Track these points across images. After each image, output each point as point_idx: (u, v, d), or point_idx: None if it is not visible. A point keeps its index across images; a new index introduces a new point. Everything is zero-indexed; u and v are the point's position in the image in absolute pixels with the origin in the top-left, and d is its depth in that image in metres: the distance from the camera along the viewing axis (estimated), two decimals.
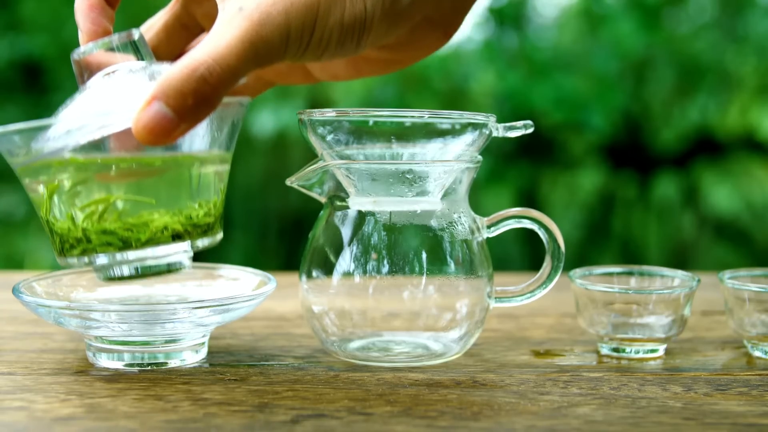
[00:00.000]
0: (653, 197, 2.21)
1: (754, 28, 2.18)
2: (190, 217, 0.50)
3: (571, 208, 2.25)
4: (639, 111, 2.20)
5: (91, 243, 0.49)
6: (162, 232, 0.49)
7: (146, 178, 0.49)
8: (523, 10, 2.33)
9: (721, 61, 2.17)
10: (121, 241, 0.49)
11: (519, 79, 2.17)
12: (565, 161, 2.23)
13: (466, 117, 0.54)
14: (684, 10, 2.28)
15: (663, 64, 2.17)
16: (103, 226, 0.48)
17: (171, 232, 0.49)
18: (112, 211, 0.48)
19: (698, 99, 2.17)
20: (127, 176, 0.49)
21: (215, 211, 0.52)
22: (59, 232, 0.50)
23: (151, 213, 0.49)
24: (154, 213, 0.49)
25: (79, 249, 0.49)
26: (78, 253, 0.49)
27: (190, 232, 0.50)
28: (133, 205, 0.49)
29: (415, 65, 0.59)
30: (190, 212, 0.50)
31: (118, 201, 0.48)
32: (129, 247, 0.49)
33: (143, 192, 0.49)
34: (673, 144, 2.19)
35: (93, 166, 0.48)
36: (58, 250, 0.51)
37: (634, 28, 2.15)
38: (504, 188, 2.23)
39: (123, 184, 0.49)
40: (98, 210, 0.48)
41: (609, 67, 2.15)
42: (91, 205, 0.48)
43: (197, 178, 0.50)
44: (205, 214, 0.51)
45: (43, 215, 0.50)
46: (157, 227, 0.49)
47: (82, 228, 0.49)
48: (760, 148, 2.17)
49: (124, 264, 0.50)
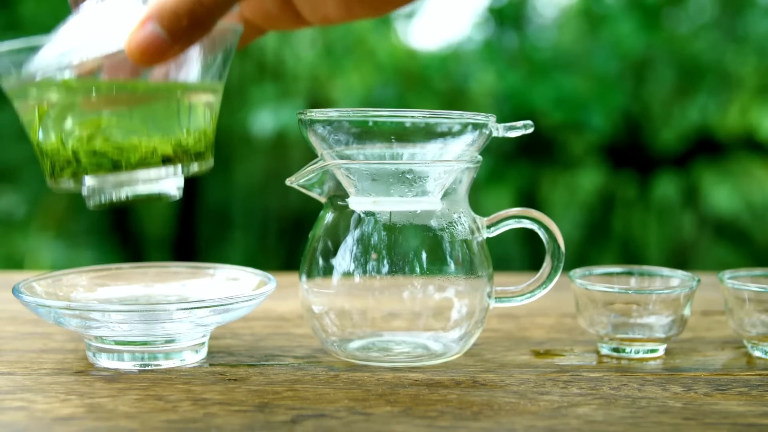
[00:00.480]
0: (653, 197, 2.21)
1: (754, 28, 2.18)
2: (180, 143, 0.50)
3: (571, 208, 2.25)
4: (639, 111, 2.20)
5: (81, 164, 0.48)
6: (152, 155, 0.49)
7: (137, 105, 0.49)
8: (523, 10, 2.33)
9: (721, 61, 2.17)
10: (111, 162, 0.48)
11: (519, 79, 2.17)
12: (565, 161, 2.23)
13: (466, 117, 0.54)
14: (684, 10, 2.28)
15: (663, 64, 2.17)
16: (93, 147, 0.48)
17: (161, 156, 0.49)
18: (101, 134, 0.48)
19: (698, 99, 2.17)
20: (117, 102, 0.48)
21: (206, 140, 0.51)
22: (49, 154, 0.49)
23: (140, 137, 0.49)
24: (143, 138, 0.49)
25: (69, 171, 0.49)
26: (68, 175, 0.49)
27: (181, 157, 0.50)
28: (123, 130, 0.48)
29: (415, 65, 0.59)
30: (179, 138, 0.50)
31: (107, 125, 0.48)
32: (119, 168, 0.48)
33: (133, 118, 0.49)
34: (673, 144, 2.19)
35: (84, 89, 0.47)
36: (49, 173, 0.50)
37: (634, 28, 2.15)
38: (504, 188, 2.23)
39: (113, 110, 0.48)
40: (87, 133, 0.48)
41: (609, 67, 2.15)
42: (81, 127, 0.48)
43: (187, 107, 0.50)
44: (196, 141, 0.51)
45: (33, 137, 0.50)
46: (147, 149, 0.49)
47: (72, 149, 0.48)
48: (760, 148, 2.17)
49: (114, 187, 0.49)
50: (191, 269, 0.65)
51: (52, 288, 0.60)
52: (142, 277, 0.65)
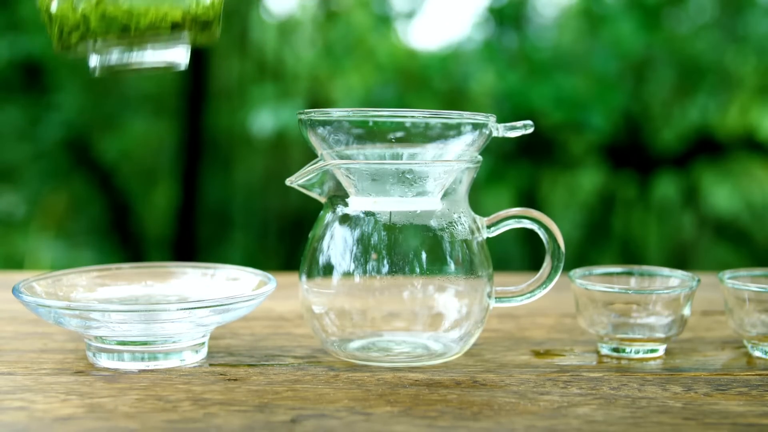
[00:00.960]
0: (653, 197, 2.21)
1: (754, 28, 2.18)
2: (189, 10, 0.50)
3: (571, 208, 2.25)
4: (639, 111, 2.20)
5: (90, 28, 0.49)
6: (162, 21, 0.49)
7: None
8: (523, 10, 2.33)
9: (721, 61, 2.17)
10: (120, 26, 0.49)
11: (519, 79, 2.17)
12: (565, 161, 2.23)
13: (466, 117, 0.54)
14: (684, 10, 2.28)
15: (663, 64, 2.17)
16: (103, 10, 0.48)
17: (170, 22, 0.49)
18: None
19: (698, 99, 2.17)
20: None
21: (214, 11, 0.52)
22: (59, 19, 0.49)
23: (150, 2, 0.49)
24: (153, 3, 0.49)
25: (77, 34, 0.49)
26: (76, 38, 0.49)
27: (189, 25, 0.50)
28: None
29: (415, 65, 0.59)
30: (189, 5, 0.50)
31: None
32: (128, 32, 0.49)
33: None
34: (673, 144, 2.19)
35: None
36: (57, 38, 0.50)
37: (634, 28, 2.15)
38: (504, 188, 2.23)
39: None
40: None
41: (609, 67, 2.15)
42: None
43: None
44: (205, 9, 0.51)
45: (42, 2, 0.50)
46: (157, 14, 0.49)
47: (82, 12, 0.48)
48: (760, 148, 2.17)
49: (123, 52, 0.50)
50: (191, 269, 0.65)
51: (52, 288, 0.60)
52: (142, 277, 0.65)
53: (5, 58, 2.04)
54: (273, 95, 2.18)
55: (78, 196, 2.18)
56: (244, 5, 2.30)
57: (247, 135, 2.17)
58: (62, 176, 2.16)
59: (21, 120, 2.08)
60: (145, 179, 2.26)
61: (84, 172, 2.18)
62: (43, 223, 2.09)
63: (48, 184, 2.13)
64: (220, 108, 2.25)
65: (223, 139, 2.27)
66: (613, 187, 2.23)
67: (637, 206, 2.22)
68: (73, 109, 2.09)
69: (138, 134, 2.20)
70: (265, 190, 2.26)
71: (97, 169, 2.18)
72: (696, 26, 2.27)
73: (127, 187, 2.22)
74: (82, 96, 2.12)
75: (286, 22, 2.32)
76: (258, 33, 2.31)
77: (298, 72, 2.27)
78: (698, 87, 2.18)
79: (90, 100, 2.14)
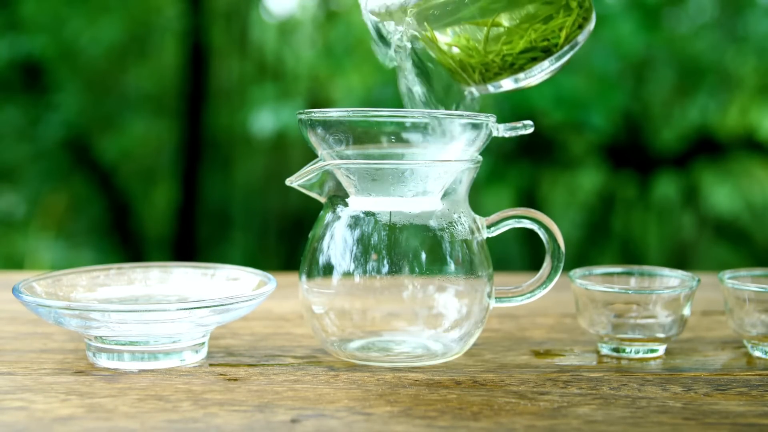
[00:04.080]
0: (653, 197, 2.21)
1: (754, 28, 2.18)
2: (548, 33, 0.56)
3: (571, 208, 2.25)
4: (639, 111, 2.20)
5: (516, 63, 0.55)
6: (572, 26, 0.56)
7: None
8: None
9: (721, 61, 2.17)
10: (541, 51, 0.55)
11: None
12: (565, 161, 2.23)
13: (466, 117, 0.54)
14: (684, 10, 2.28)
15: (663, 64, 2.17)
16: (528, 40, 0.55)
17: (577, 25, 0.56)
18: (524, 32, 0.55)
19: (698, 99, 2.17)
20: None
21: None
22: (467, 63, 0.55)
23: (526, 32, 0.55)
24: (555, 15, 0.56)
25: (508, 71, 0.56)
26: (508, 74, 0.56)
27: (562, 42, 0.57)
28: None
29: None
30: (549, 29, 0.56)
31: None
32: (549, 53, 0.56)
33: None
34: (673, 144, 2.19)
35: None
36: (479, 80, 0.56)
37: (634, 28, 2.15)
38: (504, 188, 2.23)
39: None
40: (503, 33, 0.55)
41: (609, 67, 2.15)
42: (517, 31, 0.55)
43: None
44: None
45: (449, 55, 0.55)
46: (569, 22, 0.55)
47: (490, 56, 0.55)
48: (760, 148, 2.17)
49: (546, 68, 0.57)
50: (191, 269, 0.65)
51: (52, 288, 0.60)
52: (142, 277, 0.65)
53: (5, 58, 2.04)
54: (273, 95, 2.18)
55: (78, 196, 2.18)
56: (244, 5, 2.30)
57: (247, 135, 2.17)
58: (62, 176, 2.16)
59: (21, 120, 2.08)
60: (145, 179, 2.26)
61: (84, 172, 2.19)
62: (43, 223, 2.09)
63: (48, 184, 2.13)
64: (220, 108, 2.25)
65: (223, 139, 2.27)
66: (613, 187, 2.23)
67: (637, 206, 2.22)
68: (73, 109, 2.09)
69: (138, 134, 2.20)
70: (265, 190, 2.26)
71: (97, 169, 2.18)
72: (696, 26, 2.27)
73: (127, 187, 2.22)
74: (82, 96, 2.12)
75: (286, 22, 2.32)
76: (258, 33, 2.31)
77: (298, 72, 2.27)
78: (698, 87, 2.17)
79: (90, 100, 2.14)
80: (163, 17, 2.21)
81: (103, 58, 2.12)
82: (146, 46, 2.19)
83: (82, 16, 2.12)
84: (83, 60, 2.12)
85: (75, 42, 2.09)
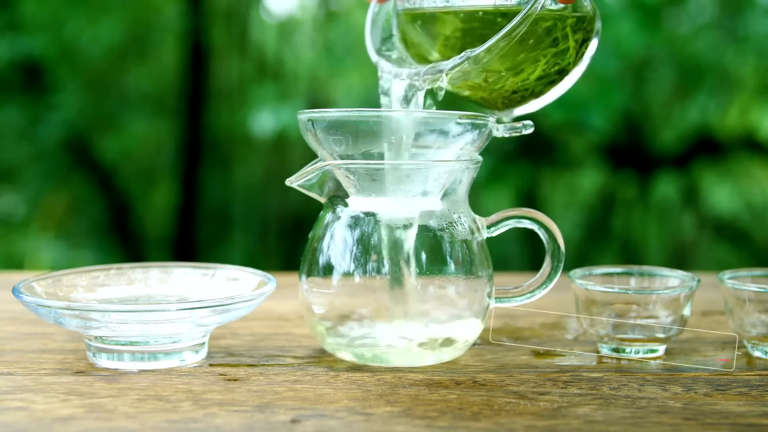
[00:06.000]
0: (653, 197, 2.21)
1: (754, 28, 2.18)
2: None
3: (571, 208, 2.25)
4: (639, 111, 2.20)
5: (535, 89, 0.59)
6: (577, 46, 0.60)
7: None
8: None
9: (721, 61, 2.17)
10: (556, 74, 0.59)
11: None
12: (565, 161, 2.23)
13: (466, 117, 0.54)
14: (684, 10, 2.28)
15: (663, 64, 2.17)
16: (541, 71, 0.58)
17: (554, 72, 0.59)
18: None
19: (698, 99, 2.17)
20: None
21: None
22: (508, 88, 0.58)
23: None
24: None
25: (529, 98, 0.59)
26: (530, 99, 0.60)
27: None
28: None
29: None
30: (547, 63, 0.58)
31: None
32: (565, 73, 0.60)
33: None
34: (673, 144, 2.19)
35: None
36: (503, 107, 0.60)
37: (634, 28, 2.14)
38: (504, 188, 2.23)
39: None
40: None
41: (609, 67, 2.15)
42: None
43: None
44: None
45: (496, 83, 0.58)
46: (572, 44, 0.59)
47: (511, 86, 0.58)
48: (760, 148, 2.17)
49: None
50: (191, 269, 0.65)
51: (52, 288, 0.60)
52: (142, 277, 0.65)
53: (5, 58, 2.04)
54: (273, 95, 2.18)
55: (78, 196, 2.18)
56: (244, 5, 2.30)
57: (247, 135, 2.17)
58: (62, 176, 2.16)
59: (21, 120, 2.08)
60: (145, 179, 2.26)
61: (84, 172, 2.19)
62: (43, 223, 2.09)
63: (48, 184, 2.13)
64: (220, 108, 2.25)
65: (223, 139, 2.27)
66: (613, 187, 2.23)
67: (637, 206, 2.22)
68: (73, 109, 2.09)
69: (138, 134, 2.20)
70: (265, 190, 2.26)
71: (97, 169, 2.18)
72: (696, 26, 2.27)
73: (127, 187, 2.23)
74: (82, 96, 2.12)
75: (286, 22, 2.32)
76: (258, 33, 2.31)
77: (298, 72, 2.27)
78: (698, 87, 2.17)
79: (90, 100, 2.14)
80: (163, 17, 2.21)
81: (103, 58, 2.12)
82: (146, 46, 2.19)
83: (82, 16, 2.12)
84: (83, 60, 2.12)
85: (75, 42, 2.09)
